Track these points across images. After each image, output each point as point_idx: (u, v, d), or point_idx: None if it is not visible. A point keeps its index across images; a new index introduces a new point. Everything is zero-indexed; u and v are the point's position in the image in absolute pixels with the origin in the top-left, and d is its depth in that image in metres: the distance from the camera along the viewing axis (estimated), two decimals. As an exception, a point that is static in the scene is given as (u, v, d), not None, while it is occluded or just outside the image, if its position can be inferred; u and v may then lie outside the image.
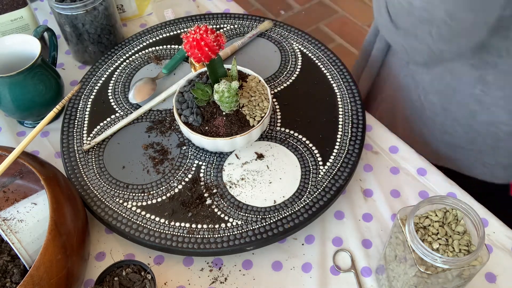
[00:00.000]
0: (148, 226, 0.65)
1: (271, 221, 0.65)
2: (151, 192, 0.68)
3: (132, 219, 0.65)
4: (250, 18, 0.91)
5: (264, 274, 0.63)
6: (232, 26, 0.90)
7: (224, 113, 0.68)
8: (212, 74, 0.67)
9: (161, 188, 0.69)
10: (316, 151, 0.72)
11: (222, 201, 0.67)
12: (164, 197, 0.68)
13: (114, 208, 0.67)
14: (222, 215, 0.66)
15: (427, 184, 0.71)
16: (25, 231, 0.58)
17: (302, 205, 0.66)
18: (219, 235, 0.63)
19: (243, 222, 0.65)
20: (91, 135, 0.75)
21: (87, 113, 0.78)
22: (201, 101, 0.69)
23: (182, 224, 0.65)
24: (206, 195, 0.68)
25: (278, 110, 0.77)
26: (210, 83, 0.70)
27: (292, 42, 0.86)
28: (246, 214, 0.65)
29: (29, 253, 0.57)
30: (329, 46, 0.88)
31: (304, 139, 0.73)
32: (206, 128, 0.68)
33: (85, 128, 0.76)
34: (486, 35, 0.63)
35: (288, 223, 0.64)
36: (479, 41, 0.65)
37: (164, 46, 0.87)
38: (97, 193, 0.68)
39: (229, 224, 0.65)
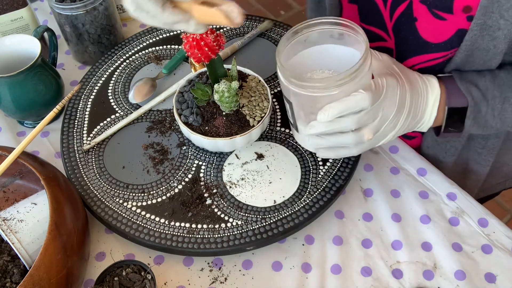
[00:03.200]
0: (148, 226, 0.65)
1: (271, 221, 0.65)
2: (151, 192, 0.68)
3: (132, 219, 0.65)
4: (250, 18, 0.91)
5: (264, 274, 0.63)
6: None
7: (224, 113, 0.68)
8: (212, 74, 0.67)
9: (161, 188, 0.69)
10: (316, 151, 0.72)
11: (222, 201, 0.67)
12: (164, 197, 0.68)
13: (114, 208, 0.67)
14: (222, 215, 0.66)
15: (427, 184, 0.71)
16: (25, 231, 0.58)
17: (302, 205, 0.66)
18: (219, 235, 0.63)
19: (243, 222, 0.65)
20: (91, 135, 0.75)
21: (87, 113, 0.78)
22: (201, 101, 0.69)
23: (182, 224, 0.65)
24: (206, 195, 0.68)
25: (278, 110, 0.77)
26: (210, 83, 0.70)
27: (292, 42, 0.86)
28: (246, 214, 0.65)
29: (29, 253, 0.57)
30: (329, 46, 0.87)
31: (304, 139, 0.73)
32: (206, 128, 0.68)
33: (85, 128, 0.76)
34: None
35: (288, 223, 0.64)
36: None
37: (164, 46, 0.87)
38: (97, 193, 0.68)
39: (229, 224, 0.65)
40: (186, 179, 0.70)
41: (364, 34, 0.55)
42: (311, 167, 0.70)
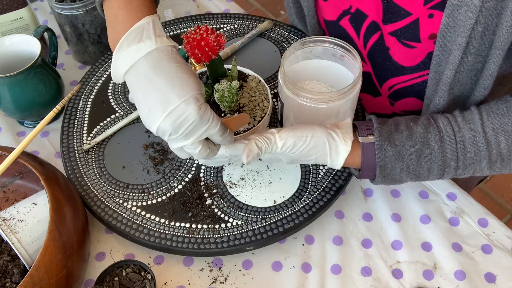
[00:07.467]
0: (148, 226, 0.65)
1: (271, 221, 0.65)
2: (151, 192, 0.68)
3: (132, 219, 0.65)
4: (250, 18, 0.91)
5: (264, 274, 0.63)
6: (232, 26, 0.90)
7: (224, 113, 0.68)
8: (212, 74, 0.67)
9: (161, 188, 0.69)
10: (316, 151, 0.72)
11: (222, 201, 0.67)
12: (164, 197, 0.68)
13: (114, 208, 0.67)
14: (222, 215, 0.66)
15: (427, 184, 0.71)
16: (25, 231, 0.58)
17: (302, 205, 0.66)
18: (219, 235, 0.63)
19: (243, 222, 0.65)
20: (91, 135, 0.75)
21: (87, 113, 0.78)
22: (201, 101, 0.69)
23: (182, 224, 0.65)
24: (206, 195, 0.68)
25: (278, 110, 0.77)
26: (210, 83, 0.70)
27: (292, 42, 0.86)
28: (246, 214, 0.65)
29: (29, 253, 0.57)
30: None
31: (304, 139, 0.73)
32: (206, 128, 0.68)
33: (85, 128, 0.76)
34: None
35: (288, 223, 0.64)
36: None
37: (164, 46, 0.87)
38: (97, 193, 0.68)
39: (229, 224, 0.65)
40: (186, 179, 0.70)
41: (360, 61, 0.62)
42: (311, 167, 0.70)
